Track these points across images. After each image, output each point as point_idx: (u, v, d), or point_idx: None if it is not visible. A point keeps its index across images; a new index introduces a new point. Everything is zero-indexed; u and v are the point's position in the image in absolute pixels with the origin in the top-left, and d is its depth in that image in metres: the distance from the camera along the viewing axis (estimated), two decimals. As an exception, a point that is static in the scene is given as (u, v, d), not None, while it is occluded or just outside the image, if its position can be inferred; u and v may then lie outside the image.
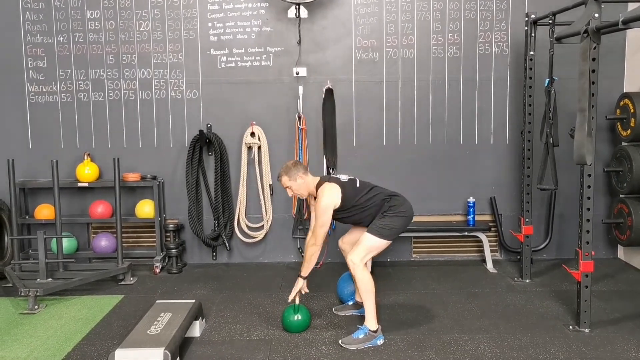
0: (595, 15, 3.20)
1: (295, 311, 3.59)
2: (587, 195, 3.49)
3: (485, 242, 4.95)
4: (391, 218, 3.51)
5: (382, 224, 3.49)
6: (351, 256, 3.46)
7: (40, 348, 3.40)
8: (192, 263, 5.19)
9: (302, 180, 3.60)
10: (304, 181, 3.61)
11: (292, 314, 3.59)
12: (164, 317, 3.38)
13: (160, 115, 5.08)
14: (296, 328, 3.59)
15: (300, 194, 3.65)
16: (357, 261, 3.43)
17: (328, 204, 3.50)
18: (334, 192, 3.54)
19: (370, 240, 3.47)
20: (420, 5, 4.98)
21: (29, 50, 5.01)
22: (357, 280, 3.47)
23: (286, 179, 3.59)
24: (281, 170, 3.64)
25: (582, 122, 3.20)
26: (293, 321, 3.58)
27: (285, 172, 3.60)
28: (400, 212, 3.54)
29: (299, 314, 3.59)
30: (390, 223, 3.50)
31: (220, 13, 4.99)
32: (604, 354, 3.24)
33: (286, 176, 3.59)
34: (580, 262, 3.51)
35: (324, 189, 3.56)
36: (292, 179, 3.58)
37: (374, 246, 3.49)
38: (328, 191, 3.54)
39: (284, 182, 3.62)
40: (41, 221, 4.94)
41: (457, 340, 3.45)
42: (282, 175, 3.61)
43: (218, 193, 5.01)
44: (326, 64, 5.02)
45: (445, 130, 5.08)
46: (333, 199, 3.52)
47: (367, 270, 3.50)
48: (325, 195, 3.52)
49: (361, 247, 3.46)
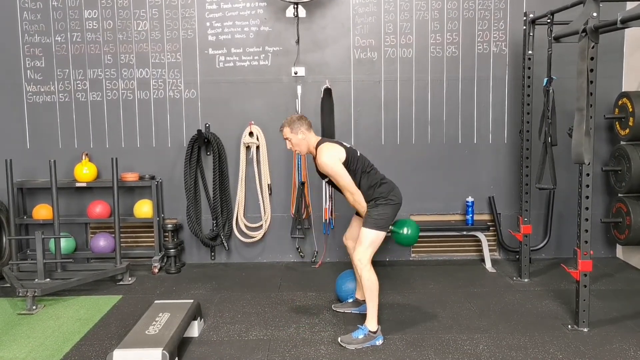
0: (593, 14, 3.19)
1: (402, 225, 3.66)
2: (586, 195, 3.50)
3: (484, 242, 4.95)
4: (384, 207, 3.47)
5: (376, 215, 3.45)
6: (358, 256, 3.44)
7: (39, 348, 3.40)
8: (190, 263, 5.19)
9: (303, 135, 3.51)
10: (305, 137, 3.52)
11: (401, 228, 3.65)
12: (163, 317, 3.38)
13: (158, 115, 5.07)
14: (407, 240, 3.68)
15: (300, 149, 3.56)
16: (365, 261, 3.42)
17: (333, 160, 3.41)
18: (335, 148, 3.48)
19: (369, 234, 3.44)
20: (418, 5, 4.97)
21: (26, 50, 5.00)
22: (363, 279, 3.46)
23: (288, 131, 3.51)
24: (285, 122, 3.54)
25: (580, 122, 3.19)
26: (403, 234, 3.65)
27: (289, 124, 3.51)
28: (390, 200, 3.50)
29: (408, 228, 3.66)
30: (384, 212, 3.46)
31: (219, 13, 4.98)
32: (603, 353, 3.25)
33: (288, 127, 3.51)
34: (579, 262, 3.51)
35: (322, 147, 3.48)
36: (293, 131, 3.50)
37: (375, 240, 3.46)
38: (327, 148, 3.47)
39: (285, 133, 3.53)
40: (39, 221, 4.93)
41: (455, 340, 3.44)
42: (285, 127, 3.52)
43: (216, 193, 5.01)
44: (325, 64, 5.01)
45: (444, 130, 5.08)
46: (337, 153, 3.44)
47: (373, 271, 3.47)
48: (325, 153, 3.44)
49: (364, 245, 3.44)
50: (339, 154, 3.45)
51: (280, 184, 5.12)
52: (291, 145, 3.56)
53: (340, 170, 3.43)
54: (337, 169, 3.43)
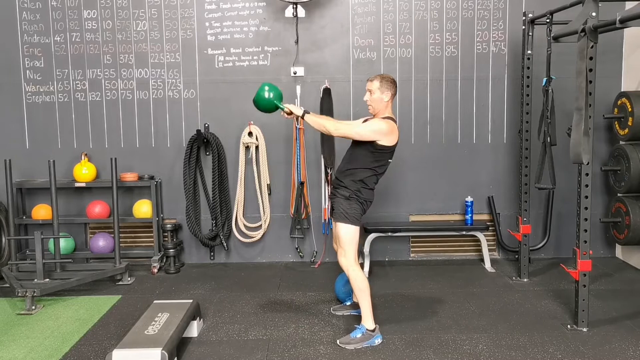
0: (592, 14, 3.20)
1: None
2: (585, 195, 3.50)
3: (483, 242, 4.95)
4: (356, 202, 3.44)
5: (348, 208, 3.42)
6: (341, 259, 3.45)
7: (38, 349, 3.39)
8: (189, 263, 5.19)
9: (386, 98, 3.45)
10: (386, 102, 3.47)
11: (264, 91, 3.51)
12: (162, 317, 3.38)
13: (157, 115, 5.07)
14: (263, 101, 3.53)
15: (373, 105, 3.47)
16: (349, 261, 3.42)
17: (383, 129, 3.36)
18: (395, 130, 3.44)
19: (345, 231, 3.41)
20: (417, 5, 4.97)
21: (26, 50, 5.00)
22: (351, 280, 3.46)
23: (377, 85, 3.44)
24: (379, 76, 3.50)
25: (579, 121, 3.19)
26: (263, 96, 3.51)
27: (382, 80, 3.45)
28: (364, 201, 3.48)
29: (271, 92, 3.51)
30: (355, 206, 3.43)
31: (218, 12, 4.98)
32: (602, 353, 3.24)
33: (379, 82, 3.44)
34: (578, 261, 3.51)
35: (390, 121, 3.43)
36: (381, 89, 3.44)
37: (353, 236, 3.44)
38: (393, 127, 3.42)
39: (371, 85, 3.46)
40: (38, 221, 4.93)
41: (455, 340, 3.44)
42: (376, 80, 3.46)
43: (216, 193, 5.01)
44: (324, 64, 5.01)
45: (443, 130, 5.08)
46: (393, 131, 3.40)
47: (360, 270, 3.47)
48: (389, 125, 3.39)
49: (344, 245, 3.43)
50: (394, 133, 3.42)
51: (279, 184, 5.11)
52: (369, 97, 3.49)
53: (370, 131, 3.38)
54: (373, 130, 3.38)
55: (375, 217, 4.90)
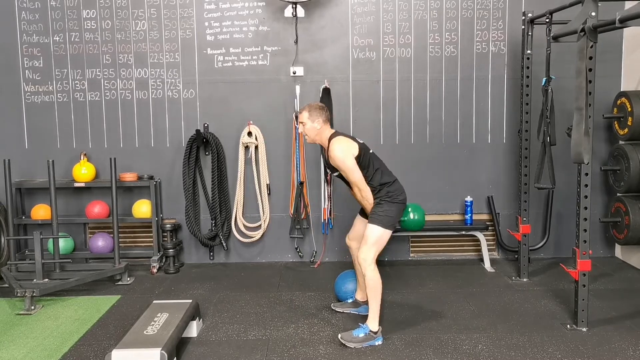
0: (592, 13, 3.20)
1: None
2: (585, 194, 3.49)
3: (482, 241, 4.95)
4: (389, 205, 3.47)
5: (381, 212, 3.45)
6: (362, 255, 3.43)
7: (37, 349, 3.39)
8: (189, 263, 5.18)
9: (318, 125, 3.52)
10: (320, 128, 3.53)
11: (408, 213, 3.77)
12: (161, 317, 3.37)
13: (157, 115, 5.07)
14: None
15: (309, 135, 3.57)
16: (369, 260, 3.42)
17: (345, 154, 3.42)
18: (348, 142, 3.49)
19: (375, 232, 3.43)
20: (417, 5, 4.97)
21: (25, 50, 4.99)
22: (366, 279, 3.45)
23: (306, 116, 3.53)
24: (306, 106, 3.59)
25: (579, 121, 3.20)
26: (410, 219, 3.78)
27: (309, 110, 3.54)
28: (399, 200, 3.52)
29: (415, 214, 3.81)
30: (389, 209, 3.46)
31: (217, 12, 4.97)
32: (602, 353, 3.24)
33: (307, 113, 3.53)
34: (578, 261, 3.51)
35: (336, 141, 3.49)
36: (311, 118, 3.51)
37: (381, 239, 3.45)
38: (341, 142, 3.48)
39: (302, 117, 3.55)
40: (38, 221, 4.92)
41: (454, 340, 3.44)
42: (304, 111, 3.55)
43: (215, 193, 5.00)
44: (323, 63, 5.01)
45: (443, 130, 5.08)
46: (350, 148, 3.45)
47: (377, 270, 3.46)
48: (338, 146, 3.45)
49: (369, 243, 3.42)
50: (352, 149, 3.46)
51: (279, 183, 5.11)
52: (303, 129, 3.58)
53: (351, 165, 3.43)
54: (349, 163, 3.43)
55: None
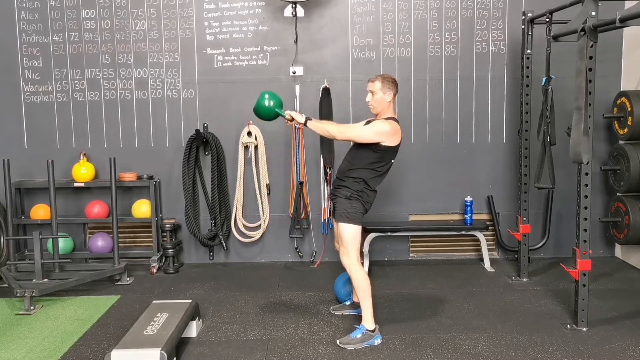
0: (592, 13, 3.19)
1: None
2: (585, 194, 3.49)
3: (482, 241, 4.94)
4: (357, 202, 3.43)
5: (350, 208, 3.41)
6: (343, 259, 3.45)
7: (37, 349, 3.39)
8: (189, 263, 5.18)
9: (388, 98, 3.43)
10: (388, 103, 3.45)
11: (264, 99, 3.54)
12: (161, 317, 3.37)
13: (156, 115, 5.07)
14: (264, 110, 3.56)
15: (375, 106, 3.45)
16: (351, 261, 3.42)
17: (391, 127, 3.36)
18: (399, 131, 3.43)
19: (348, 230, 3.41)
20: (417, 4, 4.97)
21: (24, 49, 4.99)
22: (353, 279, 3.46)
23: (378, 85, 3.41)
24: (380, 76, 3.46)
25: (578, 121, 3.19)
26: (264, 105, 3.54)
27: (383, 80, 3.42)
28: (367, 203, 3.48)
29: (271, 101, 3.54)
30: (357, 206, 3.43)
31: (217, 12, 4.97)
32: (602, 353, 3.24)
33: (380, 83, 3.41)
34: (578, 261, 3.51)
35: (392, 121, 3.42)
36: (383, 89, 3.41)
37: (355, 235, 3.43)
38: (396, 127, 3.41)
39: (373, 85, 3.42)
40: (37, 221, 4.92)
41: (454, 340, 3.44)
42: (377, 80, 3.42)
43: (215, 193, 5.00)
44: (323, 63, 5.01)
45: (443, 129, 5.08)
46: (397, 132, 3.39)
47: (363, 270, 3.48)
48: (392, 126, 3.37)
49: (346, 245, 3.42)
50: (397, 135, 3.41)
51: (278, 183, 5.11)
52: (371, 98, 3.46)
53: (373, 134, 3.36)
54: (376, 133, 3.36)
55: (374, 216, 4.89)
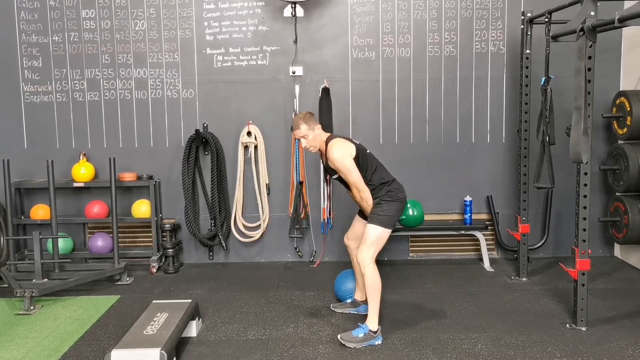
0: (591, 13, 3.20)
1: None
2: (584, 194, 3.50)
3: (482, 241, 4.95)
4: (388, 204, 3.46)
5: (381, 212, 3.44)
6: (361, 254, 3.43)
7: (36, 349, 3.39)
8: (188, 263, 5.18)
9: (318, 131, 3.48)
10: (320, 133, 3.49)
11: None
12: (161, 317, 3.37)
13: (156, 115, 5.07)
14: None
15: (314, 145, 3.48)
16: (368, 259, 3.41)
17: (344, 155, 3.39)
18: (346, 144, 3.46)
19: (375, 232, 3.42)
20: (416, 4, 4.97)
21: (24, 49, 4.99)
22: (366, 278, 3.45)
23: (305, 128, 3.43)
24: (297, 119, 3.46)
25: (578, 120, 3.20)
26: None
27: (304, 120, 3.44)
28: (399, 198, 3.51)
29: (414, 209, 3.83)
30: (389, 209, 3.45)
31: (216, 12, 4.97)
32: (601, 352, 3.25)
33: (305, 125, 3.43)
34: (577, 261, 3.51)
35: (334, 143, 3.45)
36: (310, 127, 3.44)
37: (380, 238, 3.45)
38: (339, 144, 3.44)
39: (302, 131, 3.43)
40: (37, 221, 4.92)
41: (454, 339, 3.44)
42: (301, 124, 3.42)
43: (214, 192, 5.00)
44: (323, 63, 5.01)
45: (442, 129, 5.08)
46: (348, 149, 3.43)
47: (376, 270, 3.46)
48: (336, 148, 3.42)
49: (368, 243, 3.42)
50: (350, 150, 3.44)
51: (278, 183, 5.11)
52: (307, 142, 3.48)
53: (350, 166, 3.42)
54: (348, 164, 3.41)
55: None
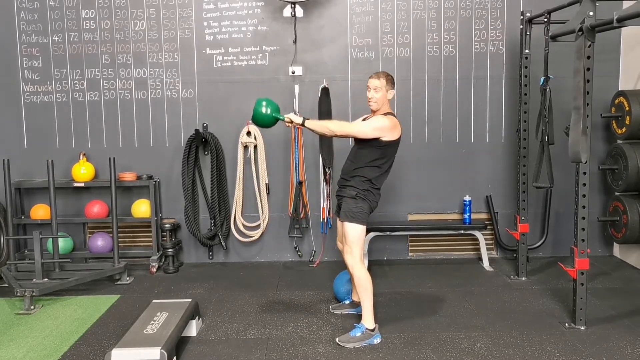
0: (589, 13, 3.21)
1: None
2: (583, 193, 3.51)
3: (481, 240, 4.96)
4: (364, 201, 3.46)
5: (357, 207, 3.44)
6: (347, 257, 3.46)
7: (37, 348, 3.40)
8: (188, 262, 5.19)
9: (390, 96, 3.50)
10: (390, 99, 3.51)
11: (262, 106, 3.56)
12: (161, 316, 3.38)
13: (156, 115, 5.07)
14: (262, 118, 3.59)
15: (377, 102, 3.46)
16: (355, 260, 3.43)
17: (386, 125, 3.39)
18: (398, 126, 3.46)
19: (354, 230, 3.43)
20: (415, 4, 4.98)
21: (24, 49, 5.00)
22: (355, 278, 3.47)
23: (384, 82, 3.45)
24: (382, 73, 3.49)
25: (577, 120, 3.21)
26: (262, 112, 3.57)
27: (387, 77, 3.47)
28: (373, 202, 3.51)
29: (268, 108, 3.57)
30: (363, 206, 3.45)
31: (216, 12, 4.98)
32: (600, 351, 3.26)
33: (385, 80, 3.46)
34: (576, 260, 3.52)
35: (391, 116, 3.47)
36: (387, 86, 3.46)
37: (360, 235, 3.45)
38: (395, 121, 3.45)
39: (379, 83, 3.45)
40: (37, 221, 4.93)
41: (453, 338, 3.45)
42: (382, 77, 3.46)
43: (214, 192, 5.01)
44: (322, 63, 5.02)
45: (441, 129, 5.09)
46: (396, 126, 3.43)
47: (365, 269, 3.48)
48: (391, 120, 3.42)
49: (351, 244, 3.43)
50: (397, 129, 3.44)
51: (278, 183, 5.12)
52: (374, 94, 3.47)
53: (373, 129, 3.39)
54: (376, 127, 3.39)
55: (373, 216, 4.83)
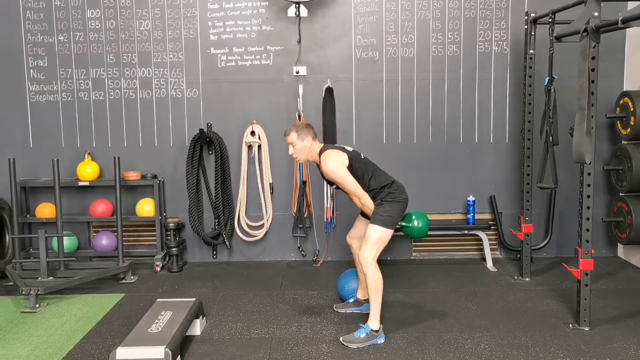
0: (594, 14, 3.20)
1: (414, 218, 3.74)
2: (587, 194, 3.50)
3: (485, 241, 4.95)
4: (390, 204, 3.49)
5: (383, 212, 3.46)
6: (363, 254, 3.45)
7: (42, 347, 3.41)
8: (192, 262, 5.20)
9: (308, 144, 3.53)
10: (310, 146, 3.54)
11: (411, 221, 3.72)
12: (165, 315, 3.39)
13: (160, 114, 5.09)
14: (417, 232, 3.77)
15: (300, 157, 3.56)
16: (370, 259, 3.43)
17: (336, 166, 3.44)
18: (337, 154, 3.50)
19: (377, 232, 3.44)
20: (420, 4, 4.98)
21: (29, 49, 5.02)
22: (368, 278, 3.46)
23: (294, 136, 3.51)
24: (292, 126, 3.57)
25: (581, 121, 3.20)
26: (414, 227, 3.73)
27: (297, 129, 3.52)
28: (400, 199, 3.54)
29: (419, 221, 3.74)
30: (390, 209, 3.48)
31: (220, 12, 4.99)
32: (604, 352, 3.25)
33: (295, 133, 3.51)
34: (580, 261, 3.52)
35: (326, 154, 3.50)
36: (299, 138, 3.51)
37: (381, 238, 3.46)
38: (331, 155, 3.48)
39: (290, 138, 3.52)
40: (42, 220, 4.95)
41: (457, 339, 3.45)
42: (292, 132, 3.52)
43: (218, 192, 5.02)
44: (326, 63, 5.02)
45: (445, 129, 5.09)
46: (340, 159, 3.47)
47: (378, 269, 3.47)
48: (329, 159, 3.46)
49: (370, 243, 3.44)
50: (342, 159, 3.47)
51: (281, 183, 5.13)
52: (293, 150, 3.56)
53: (345, 175, 3.45)
54: (342, 174, 3.45)
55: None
